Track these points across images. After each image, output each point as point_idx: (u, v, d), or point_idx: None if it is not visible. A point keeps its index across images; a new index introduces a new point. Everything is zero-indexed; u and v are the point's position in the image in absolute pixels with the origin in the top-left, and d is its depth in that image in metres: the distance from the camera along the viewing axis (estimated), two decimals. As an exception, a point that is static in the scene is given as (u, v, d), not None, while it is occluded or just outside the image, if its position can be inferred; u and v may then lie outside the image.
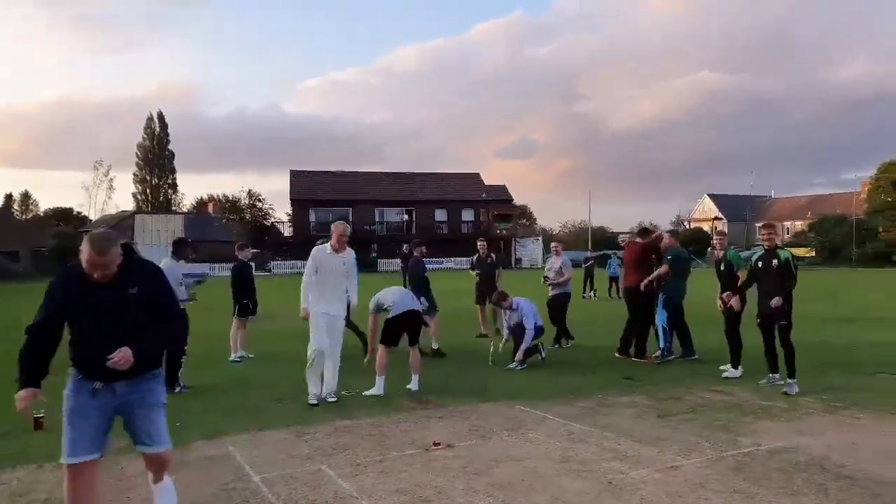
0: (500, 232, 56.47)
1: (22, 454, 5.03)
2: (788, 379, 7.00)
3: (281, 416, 6.21)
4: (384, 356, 7.12)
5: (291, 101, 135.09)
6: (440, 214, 58.84)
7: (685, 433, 5.49)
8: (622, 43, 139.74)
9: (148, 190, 72.35)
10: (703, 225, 70.76)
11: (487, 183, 61.37)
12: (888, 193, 59.56)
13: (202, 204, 70.11)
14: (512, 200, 61.85)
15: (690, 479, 4.37)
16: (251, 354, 9.75)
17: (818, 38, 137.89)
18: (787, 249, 7.43)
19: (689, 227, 71.68)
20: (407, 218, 58.49)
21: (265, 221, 68.59)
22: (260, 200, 69.33)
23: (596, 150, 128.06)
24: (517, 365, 8.62)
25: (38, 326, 3.23)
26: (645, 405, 6.54)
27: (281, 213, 69.82)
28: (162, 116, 72.75)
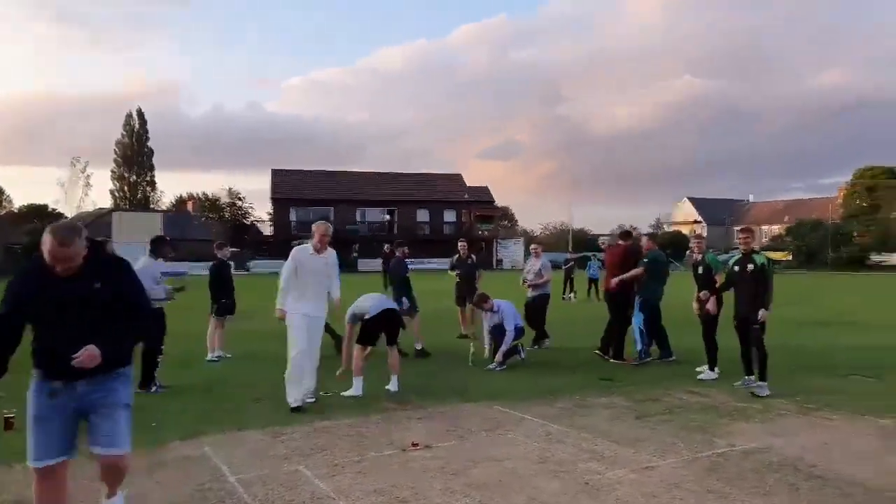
0: (482, 233, 56.55)
1: (-7, 454, 4.94)
2: (760, 381, 7.10)
3: (258, 416, 6.17)
4: (360, 357, 7.08)
5: (274, 100, 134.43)
6: (422, 215, 58.82)
7: (662, 434, 5.54)
8: (606, 46, 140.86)
9: (126, 187, 71.26)
10: (682, 228, 71.44)
11: (470, 184, 61.50)
12: (863, 199, 60.68)
13: (181, 202, 69.35)
14: (494, 202, 62.06)
15: (666, 479, 4.42)
16: (229, 354, 9.67)
17: (800, 45, 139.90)
18: (763, 254, 7.50)
19: (668, 229, 72.32)
20: (389, 218, 58.40)
21: (245, 220, 68.06)
22: (240, 199, 68.77)
23: (578, 152, 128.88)
24: (497, 366, 8.65)
25: None
26: (623, 406, 6.59)
27: (261, 211, 69.35)
28: (141, 113, 71.80)
